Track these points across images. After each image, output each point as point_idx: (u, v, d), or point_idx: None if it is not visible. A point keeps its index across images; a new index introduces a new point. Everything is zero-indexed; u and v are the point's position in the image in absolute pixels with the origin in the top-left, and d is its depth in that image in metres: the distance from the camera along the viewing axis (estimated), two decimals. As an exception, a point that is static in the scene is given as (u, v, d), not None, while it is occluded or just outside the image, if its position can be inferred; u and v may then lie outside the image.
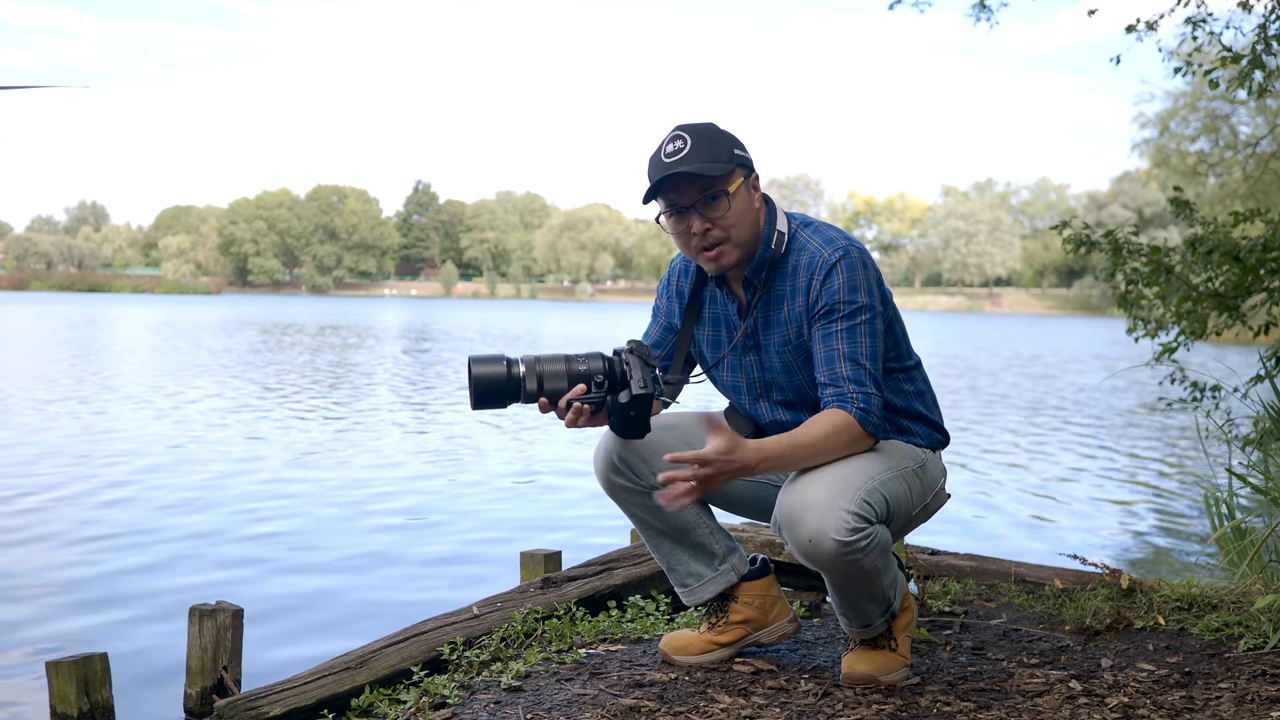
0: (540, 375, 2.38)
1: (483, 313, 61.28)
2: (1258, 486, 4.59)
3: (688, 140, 2.42)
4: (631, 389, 2.38)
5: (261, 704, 2.51)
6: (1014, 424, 13.44)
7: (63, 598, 4.97)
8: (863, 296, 2.42)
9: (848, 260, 2.43)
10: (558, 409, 2.39)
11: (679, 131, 2.44)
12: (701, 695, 2.50)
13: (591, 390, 2.39)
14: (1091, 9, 6.57)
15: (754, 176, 2.51)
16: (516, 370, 2.37)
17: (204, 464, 8.69)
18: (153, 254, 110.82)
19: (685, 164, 2.40)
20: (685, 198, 2.44)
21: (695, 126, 2.45)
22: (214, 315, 45.13)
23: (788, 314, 2.50)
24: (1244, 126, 26.97)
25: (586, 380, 2.39)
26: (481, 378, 2.35)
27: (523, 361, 2.39)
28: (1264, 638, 2.80)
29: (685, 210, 2.45)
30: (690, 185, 2.43)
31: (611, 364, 2.42)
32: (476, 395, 2.36)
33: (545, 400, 2.38)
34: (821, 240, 2.48)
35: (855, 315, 2.41)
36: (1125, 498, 8.55)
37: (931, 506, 2.63)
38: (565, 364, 2.39)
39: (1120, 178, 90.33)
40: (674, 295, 2.70)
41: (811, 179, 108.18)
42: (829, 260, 2.44)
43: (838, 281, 2.42)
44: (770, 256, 2.50)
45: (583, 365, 2.40)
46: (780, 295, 2.51)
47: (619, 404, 2.40)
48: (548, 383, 2.38)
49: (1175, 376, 5.93)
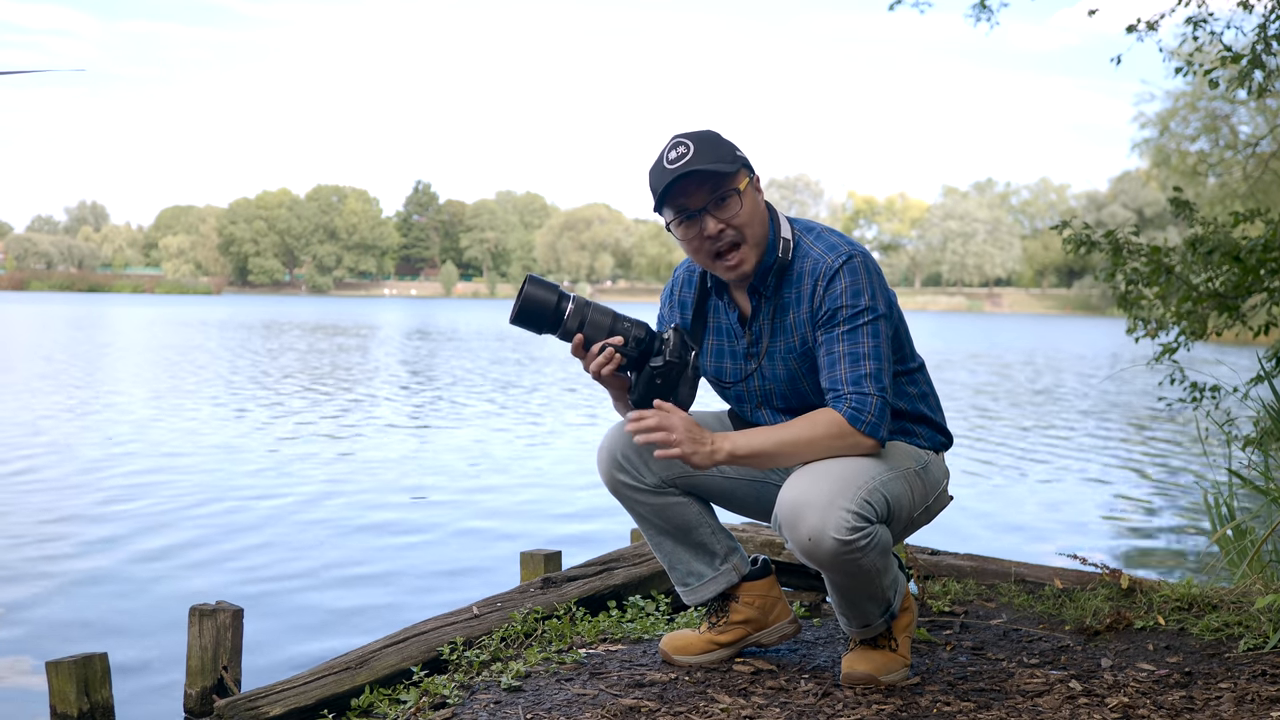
0: (584, 317, 2.46)
1: (483, 313, 61.25)
2: (1258, 486, 4.59)
3: (690, 145, 2.40)
4: (665, 355, 2.47)
5: (261, 704, 2.51)
6: (1014, 424, 13.43)
7: (63, 598, 4.97)
8: (865, 299, 2.41)
9: (851, 265, 2.42)
10: (589, 355, 2.45)
11: (679, 139, 2.42)
12: (701, 695, 2.50)
13: (627, 344, 2.47)
14: (1092, 9, 6.56)
15: (756, 179, 2.50)
16: (565, 305, 2.45)
17: (204, 464, 8.68)
18: (153, 254, 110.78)
19: (692, 165, 2.38)
20: (695, 200, 2.42)
21: (695, 133, 2.44)
22: (214, 315, 45.12)
23: (792, 321, 2.49)
24: (1244, 126, 26.96)
25: (625, 335, 2.47)
26: (530, 298, 2.43)
27: (574, 299, 2.47)
28: (1264, 638, 2.80)
29: (697, 214, 2.42)
30: (700, 187, 2.40)
31: (652, 334, 2.51)
32: (519, 312, 2.43)
33: (581, 338, 2.45)
34: (825, 246, 2.47)
35: (857, 318, 2.40)
36: (1125, 498, 8.55)
37: (934, 508, 2.63)
38: (612, 318, 2.48)
39: (1120, 178, 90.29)
40: (677, 304, 2.68)
41: (811, 179, 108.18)
42: (833, 266, 2.42)
43: (840, 286, 2.41)
44: (778, 264, 2.48)
45: (626, 323, 2.48)
46: (785, 302, 2.50)
47: (650, 369, 2.47)
48: (589, 327, 2.46)
49: (1175, 377, 5.92)
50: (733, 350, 2.60)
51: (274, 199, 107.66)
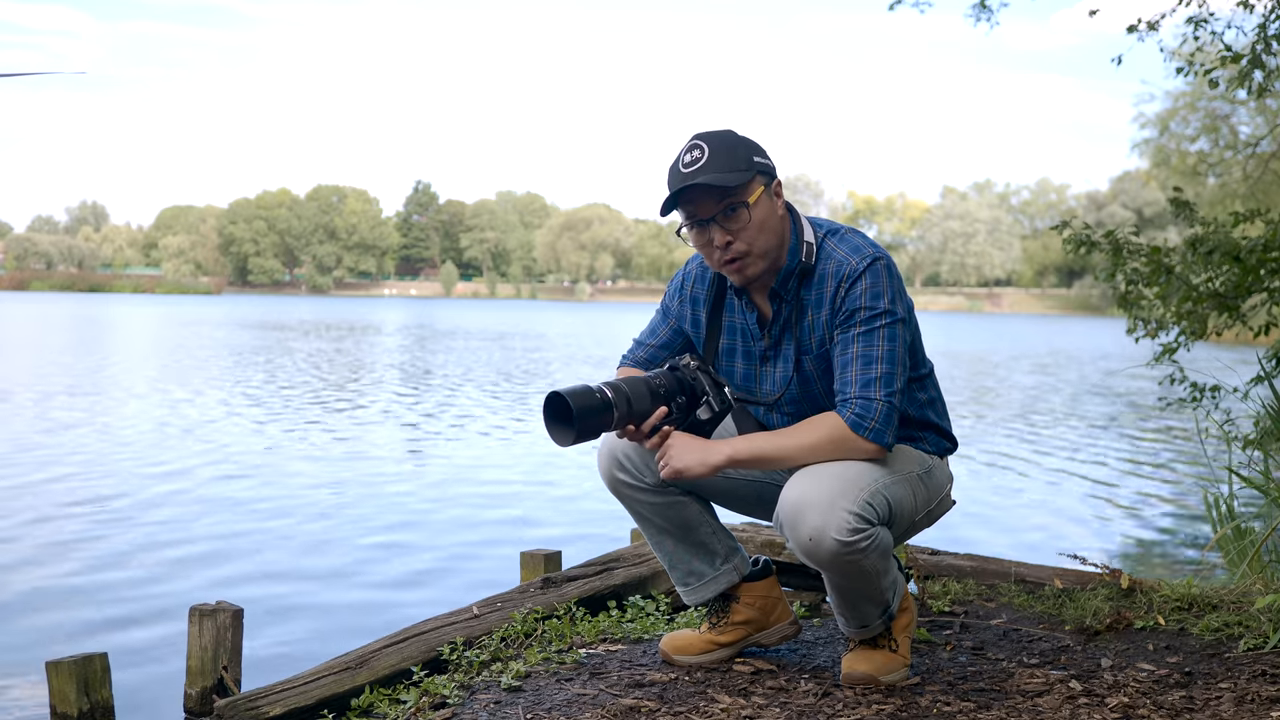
0: (626, 396, 2.37)
1: (483, 313, 61.25)
2: (1258, 486, 4.59)
3: (705, 149, 2.38)
4: (713, 406, 2.45)
5: (261, 704, 2.51)
6: (1014, 424, 13.43)
7: (63, 598, 4.98)
8: (885, 303, 2.39)
9: (874, 268, 2.40)
10: (640, 433, 2.42)
11: (696, 140, 2.41)
12: (701, 695, 2.50)
13: (673, 412, 2.43)
14: (1093, 9, 6.57)
15: (776, 183, 2.47)
16: (606, 396, 2.34)
17: (204, 464, 8.69)
18: (153, 254, 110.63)
19: (702, 175, 2.36)
20: (704, 210, 2.41)
21: (713, 134, 2.42)
22: (215, 315, 45.11)
23: (811, 322, 2.48)
24: (1244, 126, 26.93)
25: (668, 401, 2.42)
26: (583, 410, 2.30)
27: (607, 386, 2.37)
28: (1264, 638, 2.80)
29: (706, 223, 2.42)
30: (708, 197, 2.39)
31: (682, 380, 2.45)
32: (579, 430, 2.30)
33: (633, 425, 2.40)
34: (849, 249, 2.45)
35: (874, 320, 2.39)
36: (1125, 498, 8.55)
37: (936, 512, 2.63)
38: (645, 385, 2.40)
39: (1120, 178, 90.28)
40: (688, 300, 2.66)
41: (811, 179, 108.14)
42: (857, 268, 2.41)
43: (861, 288, 2.39)
44: (800, 268, 2.47)
45: (660, 385, 2.42)
46: (805, 304, 2.48)
47: (698, 420, 2.45)
48: (635, 404, 2.38)
49: (1175, 377, 5.92)
50: (747, 350, 2.59)
51: (274, 199, 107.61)
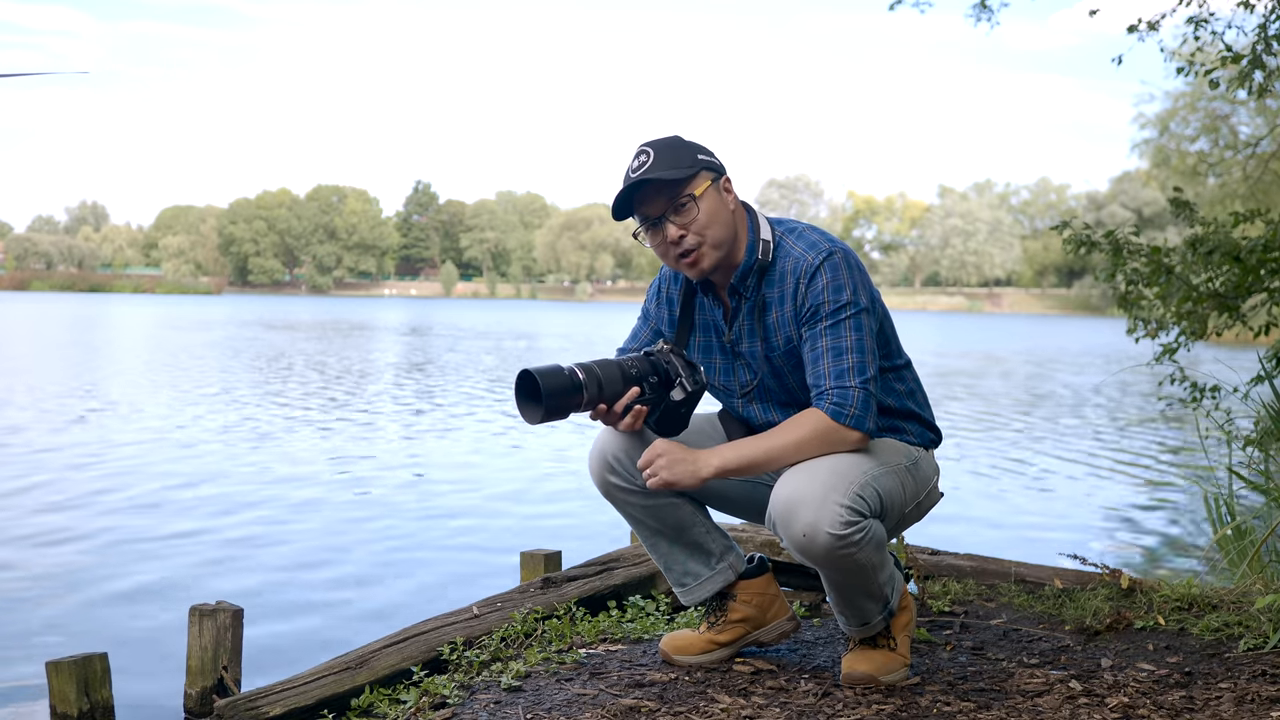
0: (598, 378, 2.40)
1: (483, 313, 61.25)
2: (1258, 486, 4.59)
3: (650, 154, 2.46)
4: (686, 387, 2.47)
5: (261, 704, 2.51)
6: (1014, 423, 13.44)
7: (63, 598, 4.98)
8: (847, 294, 2.43)
9: (831, 261, 2.45)
10: (613, 414, 2.45)
11: (643, 147, 2.49)
12: (701, 695, 2.50)
13: (646, 392, 2.45)
14: (1093, 9, 6.57)
15: (724, 179, 2.53)
16: (577, 377, 2.38)
17: (204, 464, 8.69)
18: (153, 254, 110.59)
19: (649, 173, 2.43)
20: (654, 208, 2.47)
21: (658, 140, 2.50)
22: (215, 315, 45.12)
23: (775, 320, 2.52)
24: (1244, 126, 26.96)
25: (640, 382, 2.45)
26: (551, 389, 2.33)
27: (577, 366, 2.40)
28: (1264, 638, 2.80)
29: (658, 221, 2.48)
30: (657, 195, 2.46)
31: (655, 364, 2.48)
32: (547, 408, 2.33)
33: (604, 406, 2.43)
34: (805, 245, 2.50)
35: (839, 313, 2.43)
36: (1125, 498, 8.55)
37: (925, 504, 2.64)
38: (618, 366, 2.43)
39: (1120, 178, 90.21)
40: (664, 302, 2.72)
41: (811, 179, 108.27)
42: (814, 263, 2.45)
43: (821, 282, 2.44)
44: (758, 265, 2.51)
45: (633, 367, 2.45)
46: (768, 301, 2.53)
47: (672, 402, 2.47)
48: (606, 386, 2.41)
49: (1175, 377, 5.92)
50: (721, 346, 2.64)
51: (274, 199, 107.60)
